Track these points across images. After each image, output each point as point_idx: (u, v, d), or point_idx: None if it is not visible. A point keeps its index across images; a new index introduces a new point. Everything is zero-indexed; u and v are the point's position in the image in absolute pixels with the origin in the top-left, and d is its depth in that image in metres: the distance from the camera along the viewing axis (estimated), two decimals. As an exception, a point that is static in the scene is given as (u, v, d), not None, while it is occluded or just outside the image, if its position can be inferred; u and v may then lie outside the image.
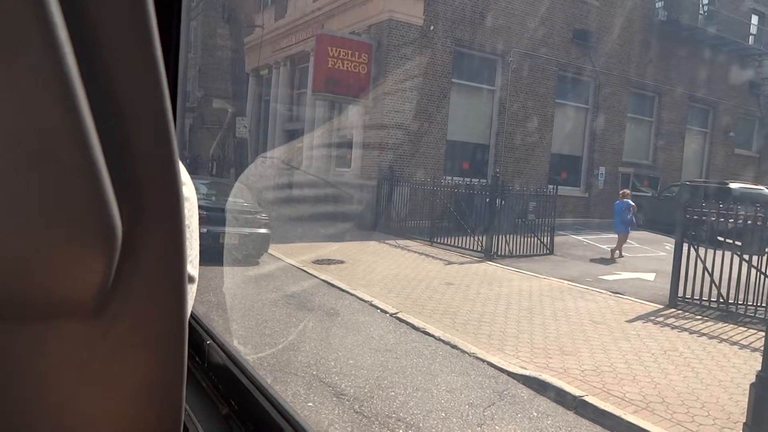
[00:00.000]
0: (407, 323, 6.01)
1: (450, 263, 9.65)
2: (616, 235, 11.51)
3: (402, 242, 11.62)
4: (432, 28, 13.80)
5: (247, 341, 4.97)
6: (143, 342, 0.40)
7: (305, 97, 17.85)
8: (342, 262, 9.13)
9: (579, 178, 17.47)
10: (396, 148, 13.61)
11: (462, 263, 9.73)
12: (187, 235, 0.41)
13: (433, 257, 10.12)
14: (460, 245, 10.97)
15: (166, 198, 0.37)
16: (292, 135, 18.54)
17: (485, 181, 15.27)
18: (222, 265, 7.99)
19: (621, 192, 12.10)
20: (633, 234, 14.99)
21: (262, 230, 8.36)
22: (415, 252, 10.60)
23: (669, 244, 13.58)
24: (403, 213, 13.04)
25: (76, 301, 0.35)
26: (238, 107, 22.76)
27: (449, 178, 14.10)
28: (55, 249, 0.32)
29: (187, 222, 0.41)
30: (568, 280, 8.60)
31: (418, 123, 13.78)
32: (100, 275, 0.34)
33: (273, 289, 7.04)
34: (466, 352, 5.20)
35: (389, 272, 8.63)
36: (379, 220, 13.25)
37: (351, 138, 15.07)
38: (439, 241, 11.54)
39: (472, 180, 14.52)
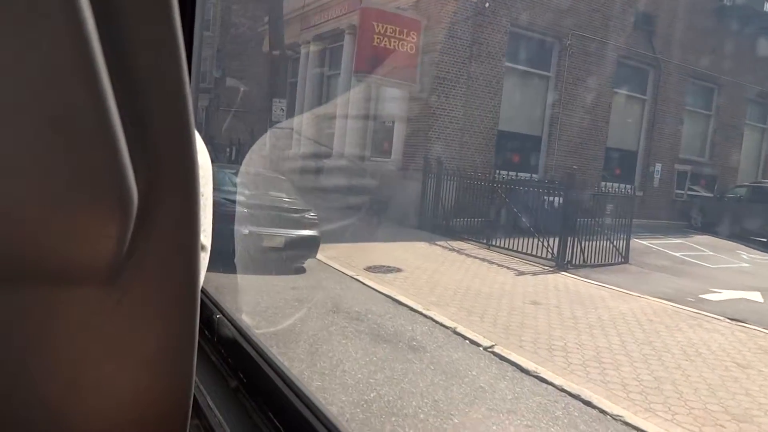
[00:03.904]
0: (511, 362, 4.76)
1: (521, 273, 8.37)
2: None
3: (454, 244, 10.35)
4: (487, 5, 12.39)
5: (326, 391, 3.73)
6: (156, 311, 0.40)
7: (337, 79, 16.53)
8: (399, 270, 7.87)
9: (633, 175, 16.06)
10: (444, 137, 12.29)
11: (534, 273, 8.45)
12: (201, 203, 0.41)
13: (498, 265, 8.85)
14: (521, 249, 9.67)
15: (182, 168, 0.36)
16: (322, 120, 17.23)
17: (536, 175, 13.98)
18: (264, 273, 6.76)
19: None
20: (696, 238, 13.67)
21: (311, 232, 7.11)
22: (473, 257, 9.33)
23: (744, 252, 12.26)
24: (452, 210, 11.75)
25: (91, 266, 0.35)
26: (264, 89, 21.48)
27: (499, 171, 12.79)
28: (73, 213, 0.32)
29: (201, 190, 0.41)
30: (668, 300, 7.30)
31: (468, 111, 12.44)
32: (115, 241, 0.34)
33: (332, 309, 5.79)
34: (609, 414, 3.94)
35: (457, 285, 7.37)
36: (424, 218, 11.97)
37: (391, 125, 13.76)
38: (496, 243, 10.24)
39: (524, 175, 13.24)
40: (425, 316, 5.86)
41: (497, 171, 12.77)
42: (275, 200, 7.27)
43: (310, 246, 7.12)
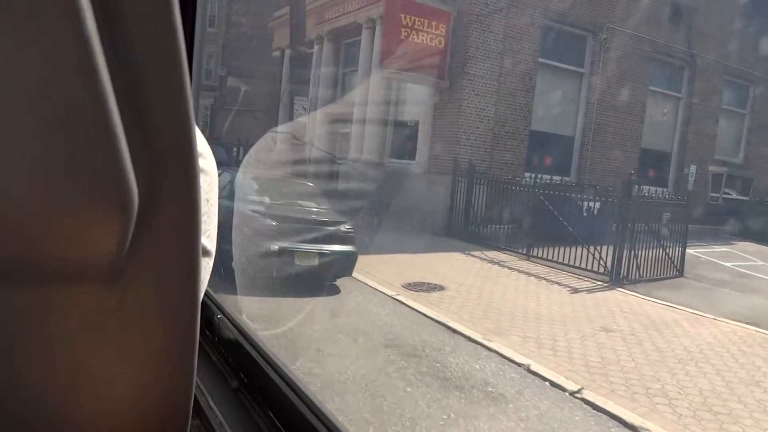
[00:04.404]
0: (610, 414, 3.94)
1: (574, 290, 7.53)
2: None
3: (491, 255, 9.51)
4: (520, -5, 11.56)
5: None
6: (157, 311, 0.40)
7: (352, 76, 15.70)
8: (442, 288, 7.04)
9: (667, 177, 15.22)
10: (474, 138, 11.44)
11: (589, 291, 7.61)
12: (206, 209, 0.42)
13: (546, 280, 8.01)
14: (565, 261, 8.83)
15: (183, 167, 0.37)
16: (337, 120, 16.38)
17: (568, 178, 13.15)
18: (295, 295, 5.94)
19: None
20: (741, 246, 12.81)
21: (348, 248, 6.27)
22: (516, 270, 8.50)
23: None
24: (484, 217, 10.91)
25: (92, 266, 0.35)
26: (276, 86, 20.65)
27: (534, 175, 11.96)
28: (73, 212, 0.33)
29: (206, 196, 0.42)
30: (749, 324, 6.46)
31: (499, 109, 11.60)
32: (116, 240, 0.34)
33: (383, 342, 4.95)
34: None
35: (510, 306, 6.54)
36: (454, 225, 11.13)
37: (415, 124, 12.92)
38: (536, 254, 9.40)
39: (556, 178, 12.40)
40: (489, 349, 5.03)
41: (529, 174, 12.00)
42: (306, 211, 6.43)
43: (346, 263, 6.28)
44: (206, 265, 0.54)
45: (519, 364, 4.73)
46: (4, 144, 0.31)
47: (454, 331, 5.46)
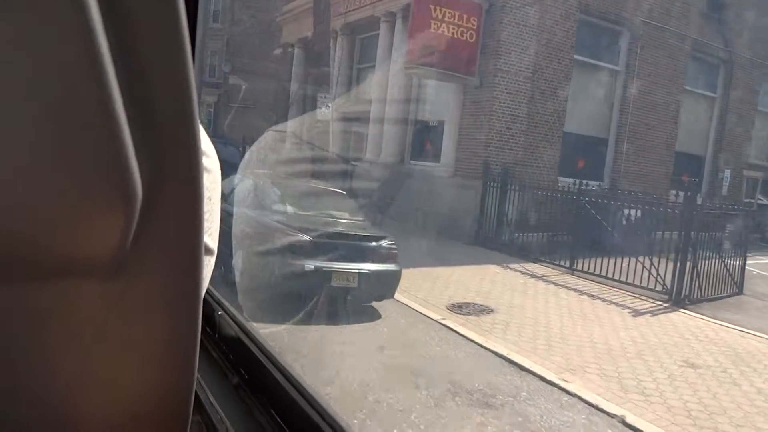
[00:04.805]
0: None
1: (636, 313, 6.75)
2: None
3: (530, 268, 8.74)
4: (556, -14, 10.76)
5: None
6: (159, 304, 0.40)
7: (368, 72, 14.91)
8: (490, 310, 6.25)
9: (700, 182, 14.41)
10: (505, 140, 10.65)
11: (652, 312, 6.83)
12: (208, 207, 0.42)
13: (599, 299, 7.23)
14: (614, 276, 8.03)
15: (186, 164, 0.36)
16: (352, 118, 15.58)
17: (600, 183, 12.37)
18: (332, 321, 5.15)
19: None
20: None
21: (391, 266, 5.49)
22: (563, 287, 7.72)
23: None
24: (518, 224, 10.12)
25: (94, 260, 0.35)
26: (288, 83, 19.85)
27: (564, 179, 11.19)
28: (77, 206, 0.32)
29: (208, 194, 0.42)
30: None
31: (532, 109, 10.81)
32: (118, 235, 0.34)
33: (447, 388, 4.15)
34: None
35: (571, 332, 5.76)
36: (485, 233, 10.34)
37: (439, 124, 12.12)
38: (579, 267, 8.62)
39: (590, 183, 11.61)
40: (569, 393, 4.25)
41: (563, 178, 11.23)
42: (342, 224, 5.63)
43: (389, 284, 5.50)
44: (208, 263, 0.53)
45: (611, 415, 3.95)
46: (7, 137, 0.30)
47: (522, 367, 4.68)
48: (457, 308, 6.20)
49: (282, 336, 4.60)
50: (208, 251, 0.52)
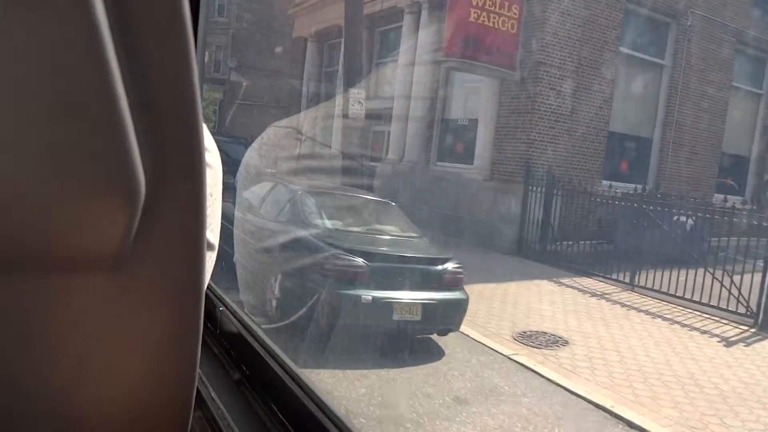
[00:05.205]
0: None
1: (726, 342, 5.85)
2: None
3: (584, 283, 7.85)
4: (603, -28, 9.84)
5: None
6: (161, 299, 0.40)
7: (388, 67, 14.02)
8: (564, 341, 5.36)
9: (744, 184, 13.51)
10: (548, 140, 9.75)
11: (745, 341, 5.92)
12: (209, 203, 0.42)
13: (677, 323, 6.34)
14: (683, 294, 7.12)
15: (189, 159, 0.37)
16: (370, 116, 14.66)
17: (644, 186, 11.45)
18: (394, 362, 4.26)
19: None
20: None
21: (457, 294, 4.60)
22: (629, 307, 6.83)
23: None
24: (564, 233, 9.23)
25: (98, 254, 0.35)
26: (291, 81, 18.98)
27: (608, 183, 10.31)
28: (80, 199, 0.33)
29: (210, 190, 0.41)
30: None
31: (576, 106, 9.91)
32: (122, 229, 0.34)
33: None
34: None
35: (667, 369, 4.87)
36: (527, 242, 9.43)
37: (470, 123, 11.22)
38: (640, 282, 7.72)
39: (633, 186, 10.72)
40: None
41: (607, 182, 10.35)
42: (396, 242, 4.74)
43: (456, 314, 4.61)
44: (209, 259, 0.52)
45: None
46: (11, 131, 0.30)
47: (631, 424, 3.79)
48: (526, 338, 5.31)
49: (340, 382, 3.72)
50: (210, 247, 0.51)
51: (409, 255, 4.47)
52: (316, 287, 4.17)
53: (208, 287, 0.90)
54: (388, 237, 4.85)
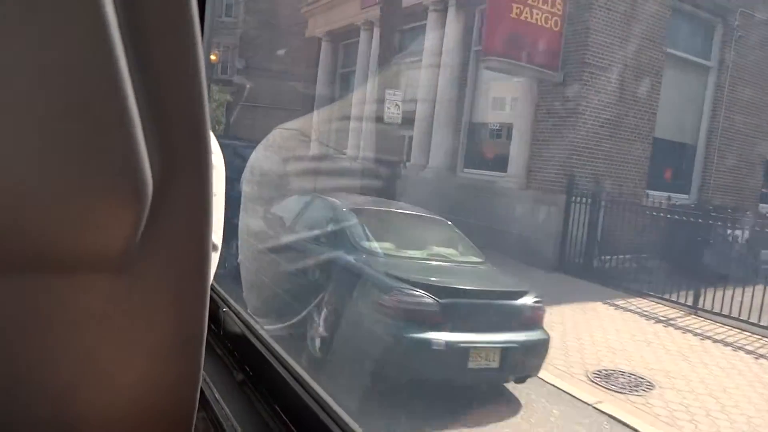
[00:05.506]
0: None
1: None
2: None
3: (643, 306, 7.13)
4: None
5: None
6: (166, 300, 0.40)
7: (410, 68, 13.30)
8: (649, 384, 4.61)
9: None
10: (592, 147, 9.02)
11: None
12: (213, 203, 0.42)
13: (762, 356, 5.58)
14: (756, 321, 6.38)
15: (196, 161, 0.37)
16: (379, 119, 13.93)
17: (687, 196, 10.74)
18: (473, 422, 3.52)
19: None
20: None
21: (537, 334, 3.86)
22: (701, 336, 6.10)
23: None
24: (612, 247, 8.50)
25: (104, 255, 0.35)
26: (305, 82, 18.29)
27: (652, 192, 9.58)
28: (88, 200, 0.33)
29: (213, 190, 0.42)
30: None
31: (621, 111, 9.18)
32: (128, 231, 0.34)
33: None
34: None
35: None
36: (570, 257, 8.70)
37: (502, 127, 10.51)
38: (704, 305, 6.97)
39: (676, 197, 10.01)
40: None
41: (651, 192, 9.63)
42: (463, 272, 4.00)
43: (537, 359, 3.87)
44: (213, 259, 0.52)
45: None
46: (21, 131, 0.30)
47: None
48: (604, 379, 4.57)
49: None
50: (213, 247, 0.50)
51: (483, 289, 3.74)
52: (376, 328, 3.44)
53: (211, 288, 0.75)
54: (450, 264, 4.12)
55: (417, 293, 3.43)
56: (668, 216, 8.37)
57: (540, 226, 9.02)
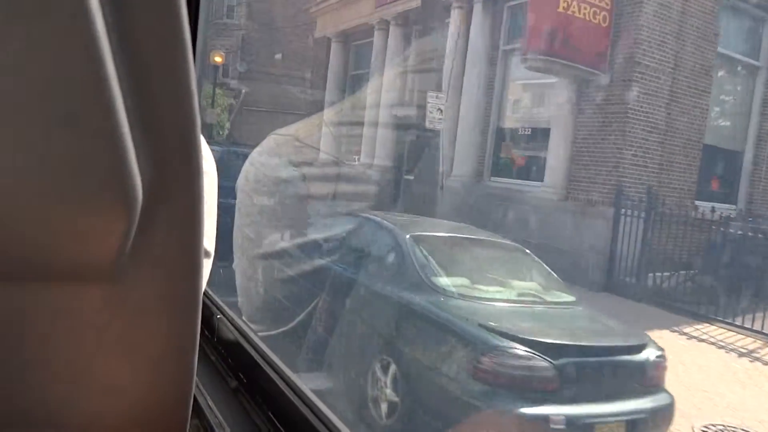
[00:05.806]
0: None
1: None
2: None
3: (713, 333, 6.38)
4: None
5: None
6: (159, 309, 0.40)
7: (429, 68, 12.55)
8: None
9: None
10: (641, 154, 8.26)
11: None
12: (205, 209, 0.43)
13: None
14: None
15: (187, 169, 0.36)
16: (400, 124, 13.16)
17: (734, 206, 9.98)
18: None
19: None
20: None
21: (661, 396, 3.07)
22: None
23: None
24: (657, 262, 7.75)
25: (95, 264, 0.35)
26: (315, 86, 17.57)
27: (701, 203, 8.83)
28: (78, 211, 0.33)
29: (205, 197, 0.43)
30: None
31: (671, 115, 8.43)
32: (119, 240, 0.34)
33: None
34: None
35: None
36: (619, 275, 7.93)
37: (536, 132, 9.75)
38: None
39: (723, 207, 9.27)
40: None
41: (701, 202, 8.87)
42: (560, 319, 3.22)
43: (663, 426, 3.07)
44: (205, 265, 0.52)
45: None
46: (10, 142, 0.30)
47: None
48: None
49: None
50: (205, 254, 0.51)
51: (602, 345, 2.97)
52: (470, 399, 2.66)
53: (205, 294, 0.79)
54: (543, 306, 3.34)
55: (526, 353, 2.66)
56: (730, 230, 7.61)
57: (583, 240, 8.25)
